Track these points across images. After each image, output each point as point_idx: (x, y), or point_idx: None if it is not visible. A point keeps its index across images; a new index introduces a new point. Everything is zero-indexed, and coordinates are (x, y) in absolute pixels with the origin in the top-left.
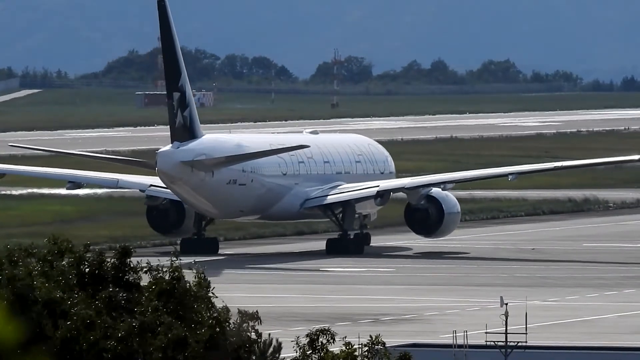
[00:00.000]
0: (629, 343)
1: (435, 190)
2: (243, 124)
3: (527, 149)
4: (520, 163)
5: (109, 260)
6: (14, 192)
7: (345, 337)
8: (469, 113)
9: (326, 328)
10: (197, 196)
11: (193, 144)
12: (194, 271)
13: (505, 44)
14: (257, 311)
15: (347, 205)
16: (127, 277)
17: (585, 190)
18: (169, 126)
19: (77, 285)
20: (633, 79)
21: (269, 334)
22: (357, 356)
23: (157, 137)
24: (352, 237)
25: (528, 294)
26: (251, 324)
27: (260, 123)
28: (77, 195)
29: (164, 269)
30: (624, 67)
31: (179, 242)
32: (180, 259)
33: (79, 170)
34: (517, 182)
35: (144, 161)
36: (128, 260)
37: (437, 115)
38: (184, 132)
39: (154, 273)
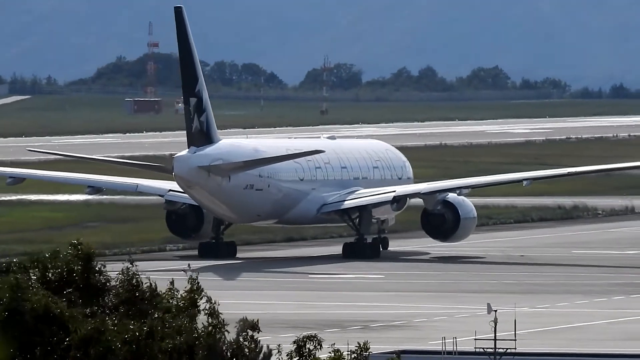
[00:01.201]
0: (618, 350)
1: (451, 196)
2: (232, 130)
3: (517, 156)
4: (510, 170)
5: (73, 265)
6: (3, 198)
7: (334, 343)
8: (458, 120)
9: (313, 334)
10: (214, 201)
11: (210, 149)
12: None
13: (494, 50)
14: (257, 320)
15: (364, 210)
16: (92, 280)
17: (575, 198)
18: (185, 131)
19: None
20: (622, 86)
21: (259, 341)
22: None
23: (146, 143)
24: (369, 241)
25: (517, 301)
26: (250, 333)
27: (249, 130)
28: (66, 202)
29: (121, 276)
30: (613, 74)
31: (184, 245)
32: (137, 265)
33: (99, 175)
34: (506, 189)
35: (161, 166)
36: (93, 264)
37: (426, 122)
38: (201, 137)
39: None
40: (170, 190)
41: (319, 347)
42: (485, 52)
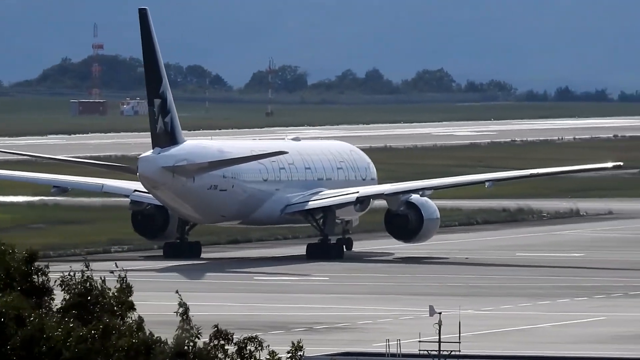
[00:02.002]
0: (563, 352)
1: (414, 197)
2: None
3: (462, 159)
4: (456, 172)
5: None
6: None
7: (269, 345)
8: (404, 122)
9: (254, 336)
10: (178, 201)
11: (174, 150)
12: (115, 276)
13: (440, 53)
14: (232, 333)
15: (328, 210)
16: (34, 280)
17: (519, 200)
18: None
19: None
20: (567, 89)
21: (204, 343)
22: None
23: (91, 144)
24: (333, 242)
25: (461, 303)
26: (222, 342)
27: (194, 132)
28: (9, 203)
29: (75, 280)
30: (558, 77)
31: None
32: (92, 270)
33: (65, 176)
34: (451, 191)
35: (126, 166)
36: (36, 264)
37: (371, 125)
38: (166, 138)
39: (66, 284)
40: (135, 190)
41: (260, 348)
42: (430, 54)
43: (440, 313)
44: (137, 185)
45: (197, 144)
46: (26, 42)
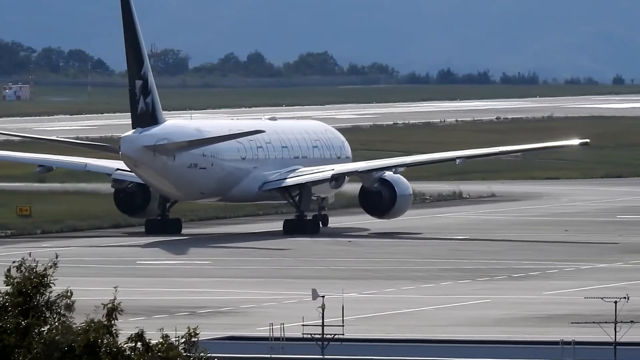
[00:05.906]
0: (446, 335)
1: (388, 174)
2: (59, 116)
3: None
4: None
5: None
6: None
7: (162, 328)
8: (286, 105)
9: (98, 320)
10: (159, 179)
11: (155, 129)
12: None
13: (323, 36)
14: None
15: (304, 187)
16: None
17: None
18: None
19: None
20: (449, 71)
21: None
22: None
23: None
24: (309, 218)
25: (345, 287)
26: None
27: (77, 116)
28: None
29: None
30: (440, 60)
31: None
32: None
33: (49, 155)
34: None
35: (108, 146)
36: None
37: (253, 108)
38: (147, 118)
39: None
40: (117, 169)
41: (107, 334)
42: (313, 37)
43: (323, 297)
44: (120, 164)
45: (176, 124)
46: None
